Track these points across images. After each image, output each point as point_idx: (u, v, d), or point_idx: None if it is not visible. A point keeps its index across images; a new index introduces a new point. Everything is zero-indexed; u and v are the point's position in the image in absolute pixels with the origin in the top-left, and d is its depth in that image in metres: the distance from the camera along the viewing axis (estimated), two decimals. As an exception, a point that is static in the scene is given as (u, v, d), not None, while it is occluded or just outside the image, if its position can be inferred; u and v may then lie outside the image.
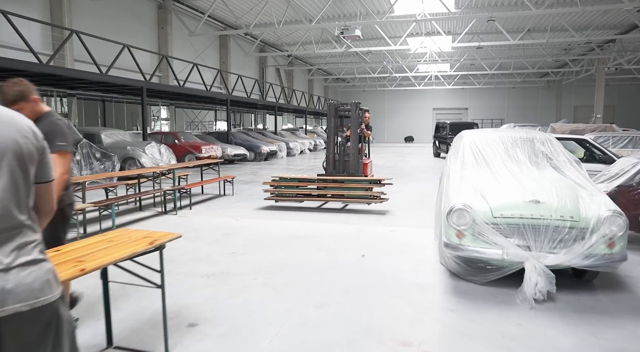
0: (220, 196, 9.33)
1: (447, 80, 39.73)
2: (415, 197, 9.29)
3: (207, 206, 8.25)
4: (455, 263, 4.01)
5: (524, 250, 3.62)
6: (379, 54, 30.37)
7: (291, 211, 7.76)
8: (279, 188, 8.27)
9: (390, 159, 20.22)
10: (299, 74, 35.81)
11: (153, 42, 19.05)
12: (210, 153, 16.20)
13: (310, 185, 8.16)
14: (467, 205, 3.85)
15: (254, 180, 12.20)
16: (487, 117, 42.08)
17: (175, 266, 4.51)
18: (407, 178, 12.63)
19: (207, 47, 22.72)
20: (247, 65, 26.87)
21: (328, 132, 9.71)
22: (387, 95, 45.32)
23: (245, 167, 16.28)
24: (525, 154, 4.66)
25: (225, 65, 24.28)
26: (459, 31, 23.34)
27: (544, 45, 25.78)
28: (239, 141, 19.42)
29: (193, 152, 15.86)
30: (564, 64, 32.51)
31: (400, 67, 34.43)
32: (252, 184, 11.21)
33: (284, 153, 21.31)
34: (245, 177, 13.07)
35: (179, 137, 16.33)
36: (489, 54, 28.48)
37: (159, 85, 14.25)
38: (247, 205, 8.32)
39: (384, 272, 4.34)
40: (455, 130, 20.25)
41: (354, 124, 9.40)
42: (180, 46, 20.30)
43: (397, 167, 16.08)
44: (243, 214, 7.48)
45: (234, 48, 25.20)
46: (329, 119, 9.77)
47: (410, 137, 44.74)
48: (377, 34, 24.58)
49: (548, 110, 41.25)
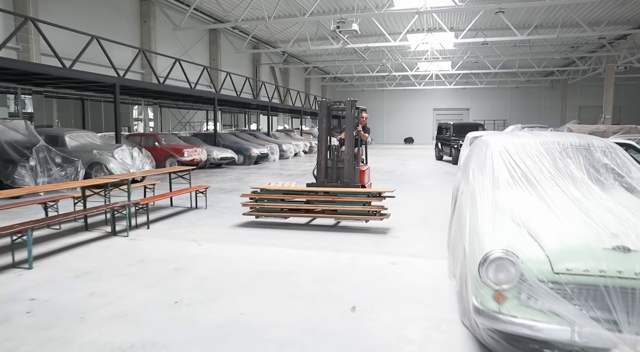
0: (191, 210, 7.96)
1: (449, 79, 38.42)
2: (420, 210, 7.93)
3: (171, 223, 6.88)
4: (491, 339, 2.64)
5: (607, 329, 2.26)
6: (377, 52, 29.04)
7: (272, 229, 6.41)
8: (260, 201, 6.91)
9: (389, 163, 18.87)
10: (295, 73, 34.46)
11: (135, 36, 17.70)
12: (193, 156, 14.84)
13: (297, 197, 6.81)
14: (511, 252, 2.50)
15: (236, 188, 10.84)
16: (489, 118, 40.73)
17: (83, 330, 3.14)
18: (409, 186, 11.28)
19: (196, 43, 21.36)
20: (239, 63, 25.52)
21: (319, 135, 8.38)
22: (387, 95, 43.99)
23: (232, 172, 14.91)
24: (582, 168, 3.30)
25: (216, 63, 22.93)
26: (462, 27, 22.00)
27: (552, 41, 24.48)
28: (228, 143, 18.05)
29: (174, 155, 14.50)
30: (571, 63, 31.20)
31: (400, 66, 33.10)
32: (234, 193, 9.85)
33: (276, 156, 19.95)
34: (228, 184, 11.69)
35: (159, 139, 14.96)
36: (493, 52, 27.16)
37: (135, 82, 12.88)
38: (219, 222, 6.96)
39: (381, 342, 2.98)
40: (459, 132, 18.92)
41: (349, 125, 8.06)
42: (165, 41, 18.95)
43: (397, 172, 14.72)
44: (210, 235, 6.11)
45: (225, 45, 23.85)
46: (320, 120, 8.44)
47: (410, 138, 43.42)
48: (375, 29, 23.23)
49: (552, 111, 39.96)
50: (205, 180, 12.52)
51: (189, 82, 16.10)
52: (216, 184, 11.52)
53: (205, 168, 16.09)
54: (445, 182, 11.98)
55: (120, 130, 12.14)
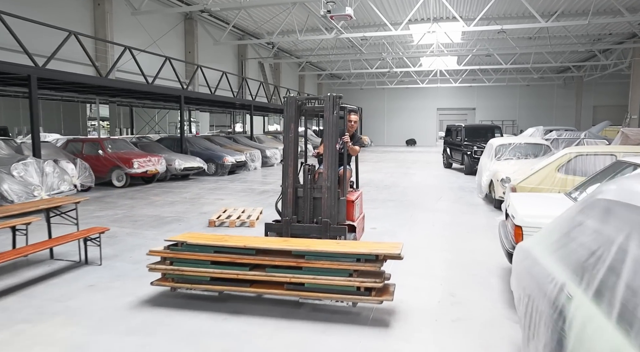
0: (77, 267, 5.08)
1: (454, 76, 35.52)
2: (439, 271, 5.04)
3: (19, 300, 4.02)
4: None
5: None
6: (376, 45, 26.16)
7: (193, 312, 3.55)
8: (178, 263, 4.07)
9: (389, 172, 15.98)
10: (288, 70, 31.58)
11: (85, 22, 14.84)
12: (147, 168, 11.98)
13: (240, 259, 3.97)
14: None
15: (181, 216, 7.96)
16: (497, 119, 37.74)
17: None
18: (415, 211, 8.41)
19: (166, 33, 18.49)
20: (222, 58, 22.65)
21: (285, 148, 5.59)
22: (387, 93, 41.08)
23: (194, 187, 12.02)
24: None
25: (192, 56, 20.06)
26: (472, 15, 19.15)
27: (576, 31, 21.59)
28: (198, 150, 15.19)
29: (122, 166, 11.64)
30: (591, 57, 28.28)
31: (401, 61, 30.23)
32: (168, 228, 6.98)
33: (258, 163, 17.08)
34: (174, 208, 8.78)
35: (104, 146, 12.10)
36: (507, 44, 24.26)
37: (61, 75, 10.00)
38: (103, 299, 4.09)
39: None
40: (472, 135, 16.02)
41: (330, 133, 5.27)
42: (126, 30, 16.09)
43: (398, 188, 11.84)
44: (63, 336, 3.25)
45: (203, 36, 20.98)
46: (286, 125, 5.63)
47: (412, 140, 40.54)
48: (374, 19, 20.38)
49: (565, 111, 37.04)
50: (145, 201, 9.64)
51: (144, 76, 13.21)
52: (156, 208, 8.64)
53: (165, 181, 13.23)
54: (463, 204, 9.12)
55: (38, 135, 9.27)
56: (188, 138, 15.61)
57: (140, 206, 8.94)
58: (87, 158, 11.84)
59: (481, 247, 5.80)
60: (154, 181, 12.82)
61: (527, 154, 8.99)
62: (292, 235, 5.34)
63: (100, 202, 9.36)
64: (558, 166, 6.12)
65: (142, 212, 8.25)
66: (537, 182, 6.15)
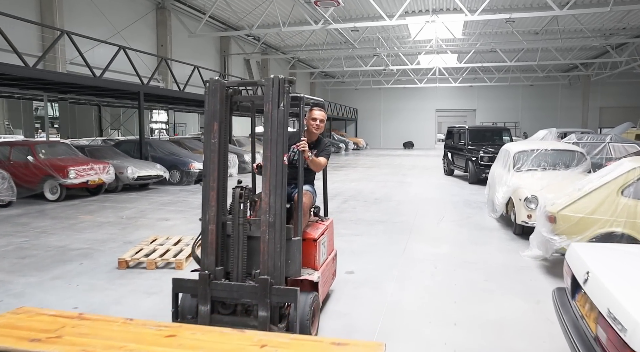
0: None
1: (454, 75, 33.51)
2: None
3: None
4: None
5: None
6: (370, 41, 24.15)
7: None
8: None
9: (382, 180, 13.93)
10: (277, 68, 29.52)
11: (31, 8, 12.80)
12: (87, 177, 9.92)
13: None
14: None
15: (93, 249, 5.88)
16: (498, 120, 35.68)
17: None
18: (410, 241, 6.36)
19: (133, 24, 16.44)
20: (200, 53, 20.58)
21: (205, 160, 3.56)
22: (384, 94, 39.08)
23: (140, 201, 9.90)
24: None
25: (165, 50, 18.01)
26: (475, 6, 17.15)
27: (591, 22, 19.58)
28: (161, 155, 13.14)
29: (55, 176, 9.57)
30: (602, 53, 26.33)
31: (397, 59, 28.23)
32: (57, 272, 4.92)
33: (234, 170, 14.96)
34: (92, 235, 6.66)
35: (35, 151, 10.02)
36: (512, 39, 22.30)
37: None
38: None
39: None
40: (478, 139, 13.94)
41: (272, 137, 3.28)
42: (77, 15, 14.04)
43: (391, 203, 9.78)
44: None
45: (177, 28, 18.93)
46: (207, 123, 3.58)
47: (409, 142, 38.55)
48: (367, 10, 18.38)
49: (569, 113, 35.09)
50: (68, 222, 7.53)
51: (90, 69, 11.13)
52: (71, 235, 6.55)
53: (116, 191, 11.16)
54: (472, 228, 7.08)
55: None
56: (150, 141, 13.58)
57: (54, 230, 6.88)
58: (15, 165, 9.82)
59: (511, 317, 3.76)
60: (101, 192, 10.78)
61: (555, 164, 6.95)
62: (214, 299, 3.38)
63: (7, 224, 7.30)
64: (623, 186, 4.06)
65: (47, 242, 6.20)
66: (590, 210, 4.11)
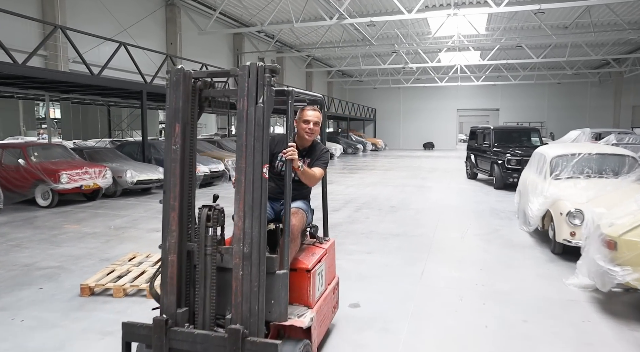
0: None
1: (476, 73, 32.14)
2: None
3: None
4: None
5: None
6: (388, 37, 23.16)
7: None
8: None
9: (400, 185, 12.95)
10: (292, 67, 28.75)
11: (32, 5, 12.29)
12: (81, 182, 9.27)
13: None
14: None
15: (62, 268, 5.14)
16: (523, 120, 34.17)
17: None
18: (428, 261, 5.43)
19: (140, 21, 15.87)
20: (212, 51, 19.92)
21: (165, 172, 2.70)
22: (403, 93, 37.95)
23: (136, 208, 9.16)
24: None
25: (174, 48, 17.42)
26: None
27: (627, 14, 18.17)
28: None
29: (46, 180, 8.94)
30: (638, 48, 24.72)
31: (417, 57, 27.11)
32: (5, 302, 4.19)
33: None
34: (69, 249, 5.92)
35: (27, 153, 9.43)
36: (540, 33, 20.99)
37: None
38: None
39: None
40: (504, 140, 12.82)
41: (247, 142, 2.39)
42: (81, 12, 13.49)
43: (409, 212, 8.83)
44: None
45: (188, 25, 18.31)
46: (169, 124, 2.72)
47: (430, 143, 37.34)
48: (384, 5, 17.45)
49: (599, 112, 33.32)
50: (49, 233, 6.83)
51: (87, 67, 10.50)
52: (47, 249, 5.83)
53: (114, 196, 10.51)
54: (502, 245, 6.11)
55: None
56: (154, 143, 12.91)
57: (30, 243, 6.19)
58: (6, 169, 9.25)
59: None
60: (97, 197, 10.13)
61: (601, 171, 5.92)
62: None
63: None
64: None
65: (15, 258, 5.49)
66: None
